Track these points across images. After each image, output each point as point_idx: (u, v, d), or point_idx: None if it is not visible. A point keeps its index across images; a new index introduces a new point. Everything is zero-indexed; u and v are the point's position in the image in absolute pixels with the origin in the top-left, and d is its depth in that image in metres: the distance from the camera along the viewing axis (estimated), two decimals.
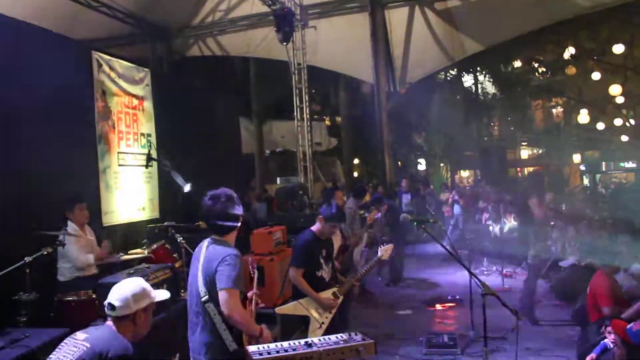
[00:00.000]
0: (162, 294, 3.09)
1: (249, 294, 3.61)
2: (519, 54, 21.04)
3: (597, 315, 5.88)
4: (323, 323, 4.65)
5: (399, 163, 23.74)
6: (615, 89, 15.96)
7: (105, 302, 2.82)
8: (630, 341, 4.27)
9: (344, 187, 15.17)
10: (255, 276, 3.82)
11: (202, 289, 3.18)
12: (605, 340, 4.87)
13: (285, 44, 11.54)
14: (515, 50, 19.75)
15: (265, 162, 20.10)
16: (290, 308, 4.76)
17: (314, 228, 5.00)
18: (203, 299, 3.16)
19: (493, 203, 14.12)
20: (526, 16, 12.09)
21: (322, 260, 4.88)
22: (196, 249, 3.40)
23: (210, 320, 3.16)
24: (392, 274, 10.00)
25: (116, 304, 2.78)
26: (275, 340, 3.44)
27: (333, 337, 3.33)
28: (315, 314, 4.67)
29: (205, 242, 3.36)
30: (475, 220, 14.12)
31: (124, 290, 2.84)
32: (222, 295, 3.08)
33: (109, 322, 2.81)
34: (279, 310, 4.88)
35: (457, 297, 8.25)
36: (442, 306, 8.15)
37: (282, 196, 10.76)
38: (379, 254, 5.49)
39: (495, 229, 12.73)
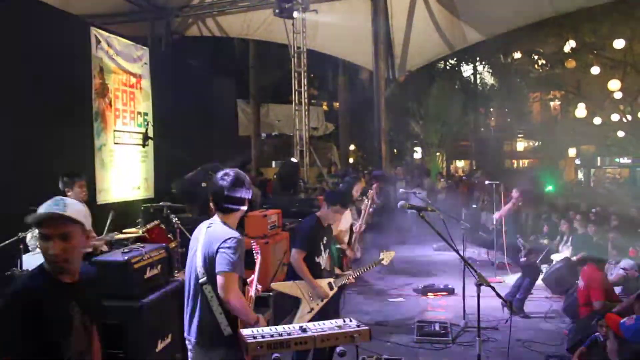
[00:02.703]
0: None
1: (249, 280, 3.58)
2: (519, 45, 20.97)
3: (589, 308, 5.92)
4: (312, 309, 4.75)
5: (395, 151, 23.71)
6: (614, 84, 15.94)
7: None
8: (623, 335, 4.30)
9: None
10: (258, 261, 3.80)
11: (200, 269, 3.09)
12: (596, 333, 4.91)
13: (289, 19, 11.40)
14: (515, 42, 19.66)
15: (260, 145, 20.06)
16: (285, 286, 4.85)
17: (318, 213, 5.09)
18: (201, 280, 3.08)
19: (487, 194, 14.12)
20: (529, 8, 12.02)
21: (322, 247, 4.95)
22: (196, 229, 3.34)
23: (206, 303, 3.08)
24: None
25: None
26: (268, 324, 3.43)
27: (328, 323, 3.31)
28: (307, 298, 4.76)
29: (206, 223, 3.27)
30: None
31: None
32: (220, 279, 3.01)
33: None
34: (275, 285, 4.99)
35: (450, 286, 8.27)
36: (435, 295, 8.17)
37: (285, 177, 10.57)
38: (380, 257, 5.72)
39: (489, 219, 12.73)
